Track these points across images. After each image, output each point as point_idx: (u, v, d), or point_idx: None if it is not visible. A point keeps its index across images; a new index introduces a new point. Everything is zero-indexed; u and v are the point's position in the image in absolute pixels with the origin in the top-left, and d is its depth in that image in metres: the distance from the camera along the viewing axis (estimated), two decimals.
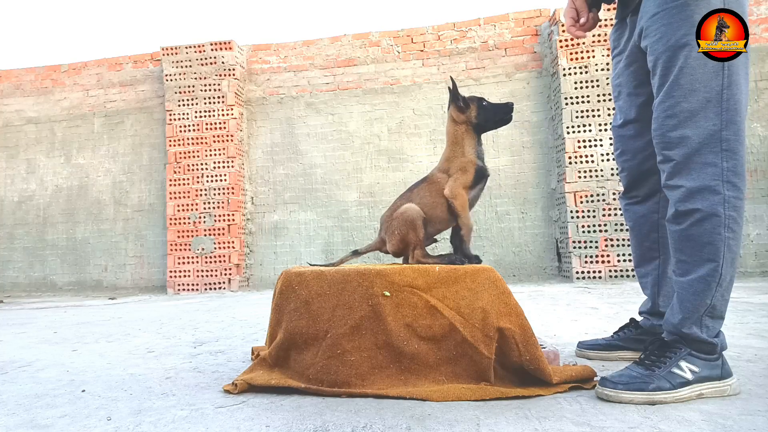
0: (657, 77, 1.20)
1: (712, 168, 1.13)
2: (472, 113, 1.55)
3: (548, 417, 1.03)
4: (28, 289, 6.32)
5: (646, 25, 1.22)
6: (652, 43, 1.20)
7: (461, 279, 1.30)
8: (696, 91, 1.13)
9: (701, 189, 1.14)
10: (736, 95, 1.13)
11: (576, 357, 1.58)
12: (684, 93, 1.14)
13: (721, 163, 1.13)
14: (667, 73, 1.17)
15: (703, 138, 1.13)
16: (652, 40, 1.20)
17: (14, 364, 1.76)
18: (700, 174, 1.14)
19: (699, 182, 1.14)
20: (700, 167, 1.14)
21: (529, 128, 5.41)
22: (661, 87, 1.19)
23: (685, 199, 1.16)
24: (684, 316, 1.17)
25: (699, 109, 1.13)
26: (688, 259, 1.18)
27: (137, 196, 6.14)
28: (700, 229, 1.15)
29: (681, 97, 1.15)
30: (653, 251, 1.47)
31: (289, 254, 5.79)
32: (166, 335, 2.33)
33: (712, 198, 1.13)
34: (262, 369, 1.35)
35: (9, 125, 6.54)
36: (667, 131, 1.17)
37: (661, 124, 1.19)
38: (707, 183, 1.13)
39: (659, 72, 1.19)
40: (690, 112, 1.14)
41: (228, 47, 5.76)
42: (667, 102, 1.17)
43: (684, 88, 1.14)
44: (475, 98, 1.57)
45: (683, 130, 1.15)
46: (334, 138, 5.82)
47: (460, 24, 5.63)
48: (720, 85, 1.12)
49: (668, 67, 1.16)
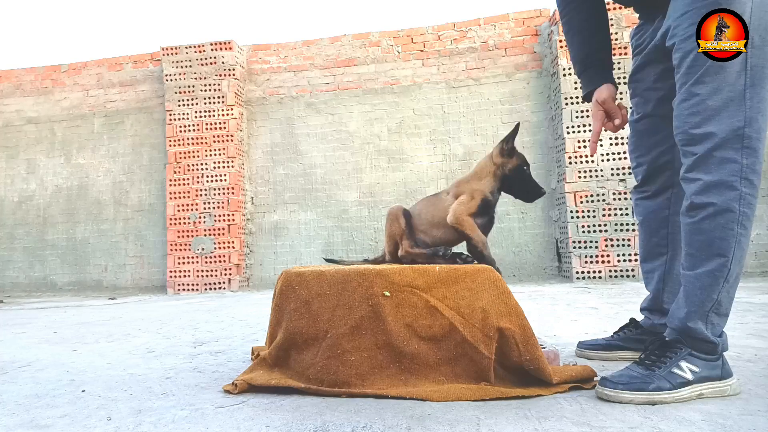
0: (681, 74, 1.20)
1: (731, 164, 1.13)
2: (509, 164, 1.53)
3: (548, 417, 1.03)
4: (28, 289, 6.32)
5: (675, 24, 1.21)
6: (679, 42, 1.20)
7: (461, 279, 1.30)
8: (720, 90, 1.14)
9: (718, 183, 1.14)
10: (760, 94, 1.13)
11: (576, 357, 1.58)
12: (709, 91, 1.15)
13: (741, 159, 1.13)
14: (692, 72, 1.17)
15: (726, 134, 1.13)
16: (680, 38, 1.19)
17: (14, 364, 1.76)
18: (720, 169, 1.14)
19: (717, 177, 1.14)
20: (720, 162, 1.14)
21: (529, 128, 5.41)
22: (684, 84, 1.19)
23: (701, 192, 1.16)
24: (690, 310, 1.17)
25: (723, 107, 1.14)
26: (697, 252, 1.18)
27: (137, 196, 6.14)
28: (712, 224, 1.15)
29: (706, 96, 1.15)
30: (661, 247, 1.47)
31: (289, 254, 5.79)
32: (166, 335, 2.33)
33: (728, 193, 1.13)
34: (262, 369, 1.35)
35: (9, 125, 6.54)
36: (690, 128, 1.18)
37: (684, 121, 1.19)
38: (725, 178, 1.13)
39: (684, 69, 1.19)
40: (714, 110, 1.14)
41: (228, 47, 5.76)
42: (692, 100, 1.17)
43: (709, 87, 1.15)
44: (522, 157, 1.55)
45: (707, 127, 1.15)
46: (334, 138, 5.82)
47: (460, 24, 5.63)
48: (743, 84, 1.13)
49: (694, 65, 1.16)
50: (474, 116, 5.53)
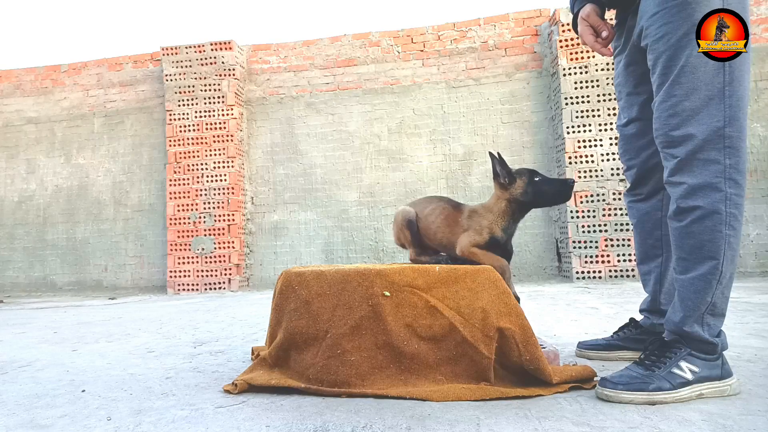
0: (657, 76, 1.20)
1: (714, 165, 1.12)
2: (518, 189, 1.44)
3: (548, 417, 1.03)
4: (28, 289, 6.32)
5: (646, 24, 1.21)
6: (652, 42, 1.20)
7: (461, 279, 1.30)
8: (697, 90, 1.13)
9: (703, 186, 1.13)
10: (738, 92, 1.12)
11: (576, 357, 1.58)
12: (685, 92, 1.14)
13: (723, 160, 1.12)
14: (668, 72, 1.16)
15: (707, 135, 1.12)
16: (652, 39, 1.19)
17: (14, 364, 1.76)
18: (703, 171, 1.13)
19: (701, 179, 1.13)
20: (703, 164, 1.13)
21: (529, 128, 5.41)
22: (662, 86, 1.18)
23: (686, 195, 1.15)
24: (685, 314, 1.17)
25: (701, 107, 1.13)
26: (688, 256, 1.18)
27: (137, 196, 6.14)
28: (701, 227, 1.14)
29: (683, 96, 1.14)
30: (656, 249, 1.47)
31: (289, 254, 5.79)
32: (166, 335, 2.33)
33: (713, 195, 1.13)
34: (262, 369, 1.35)
35: (9, 125, 6.54)
36: (669, 130, 1.17)
37: (663, 123, 1.18)
38: (709, 180, 1.13)
39: (659, 71, 1.19)
40: (692, 111, 1.13)
41: (228, 47, 5.76)
42: (669, 101, 1.16)
43: (685, 87, 1.14)
44: (525, 171, 1.46)
45: (687, 128, 1.14)
46: (334, 138, 5.82)
47: (460, 24, 5.63)
48: (722, 82, 1.12)
49: (669, 66, 1.16)
50: (474, 116, 5.53)
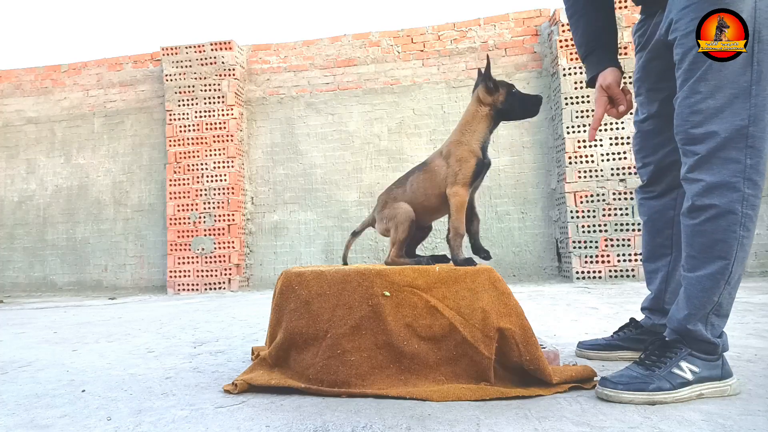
0: (683, 71, 1.16)
1: (734, 164, 1.10)
2: (500, 98, 1.48)
3: (548, 417, 1.03)
4: (28, 289, 6.32)
5: (676, 17, 1.18)
6: (680, 37, 1.16)
7: (461, 279, 1.30)
8: (722, 88, 1.10)
9: (720, 185, 1.11)
10: (765, 90, 1.09)
11: (576, 357, 1.58)
12: (711, 89, 1.11)
13: (744, 159, 1.10)
14: (694, 69, 1.13)
15: (730, 133, 1.10)
16: (681, 33, 1.16)
17: (14, 364, 1.76)
18: (722, 169, 1.11)
19: (719, 177, 1.11)
20: (723, 162, 1.11)
21: (529, 128, 5.41)
22: (686, 81, 1.15)
23: (702, 193, 1.13)
24: (690, 312, 1.16)
25: (726, 105, 1.10)
26: (698, 254, 1.16)
27: (137, 196, 6.14)
28: (714, 226, 1.12)
29: (707, 94, 1.12)
30: (665, 248, 1.45)
31: (289, 254, 5.79)
32: (166, 335, 2.33)
33: (730, 195, 1.10)
34: (262, 369, 1.35)
35: (9, 125, 6.54)
36: (691, 127, 1.14)
37: (684, 120, 1.16)
38: (728, 179, 1.10)
39: (686, 66, 1.15)
40: (716, 109, 1.11)
41: (228, 47, 5.76)
42: (693, 98, 1.14)
43: (711, 84, 1.11)
44: (505, 83, 1.50)
45: (709, 126, 1.12)
46: (334, 138, 5.82)
47: (460, 24, 5.63)
48: (748, 80, 1.09)
49: (696, 62, 1.13)
50: None
